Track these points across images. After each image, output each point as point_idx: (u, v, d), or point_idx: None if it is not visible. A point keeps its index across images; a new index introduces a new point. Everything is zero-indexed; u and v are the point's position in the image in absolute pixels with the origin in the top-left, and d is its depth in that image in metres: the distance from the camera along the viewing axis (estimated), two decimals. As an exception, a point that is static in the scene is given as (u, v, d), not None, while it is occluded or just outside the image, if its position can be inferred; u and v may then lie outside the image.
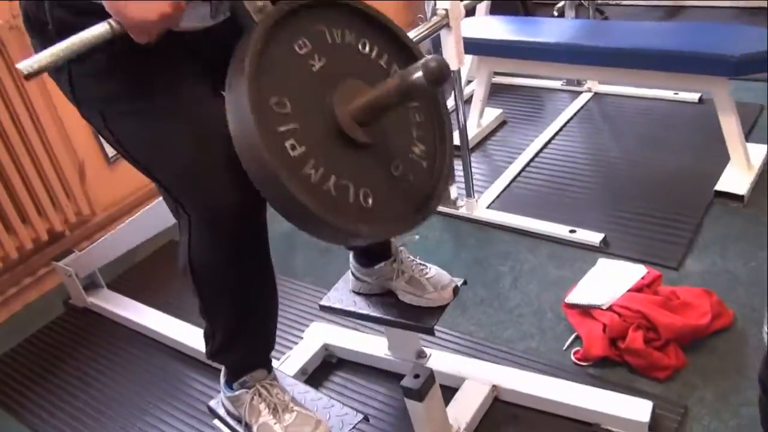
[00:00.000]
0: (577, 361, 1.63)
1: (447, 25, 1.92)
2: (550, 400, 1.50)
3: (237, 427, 1.32)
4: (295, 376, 1.67)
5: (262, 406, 1.26)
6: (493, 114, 2.81)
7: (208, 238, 1.13)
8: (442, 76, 0.94)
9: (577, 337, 1.70)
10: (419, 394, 1.31)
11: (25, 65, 0.86)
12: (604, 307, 1.65)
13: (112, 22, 0.92)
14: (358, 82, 1.05)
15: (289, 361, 1.72)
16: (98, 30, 0.92)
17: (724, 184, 2.13)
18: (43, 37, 1.04)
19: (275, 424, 1.24)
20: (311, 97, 1.00)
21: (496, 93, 2.92)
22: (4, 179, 2.04)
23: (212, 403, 1.40)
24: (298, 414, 1.24)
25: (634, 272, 1.74)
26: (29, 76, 0.87)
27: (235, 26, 1.09)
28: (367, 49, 1.10)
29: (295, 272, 2.14)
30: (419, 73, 0.94)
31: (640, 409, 1.42)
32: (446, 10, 1.90)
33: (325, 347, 1.77)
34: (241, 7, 1.03)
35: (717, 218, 2.06)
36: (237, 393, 1.28)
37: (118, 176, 2.37)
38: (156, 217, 2.01)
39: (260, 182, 0.97)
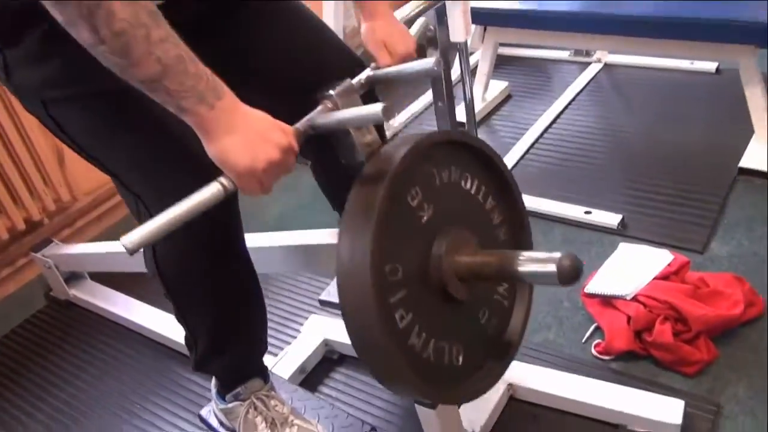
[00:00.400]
0: (598, 355, 1.51)
1: (453, -8, 1.77)
2: (572, 400, 1.38)
3: (231, 439, 1.21)
4: (294, 375, 1.55)
5: (259, 419, 1.14)
6: (497, 87, 2.66)
7: (175, 237, 1.00)
8: (576, 278, 0.84)
9: (597, 329, 1.58)
10: (432, 402, 1.18)
11: (129, 241, 0.76)
12: (628, 298, 1.52)
13: (224, 181, 0.82)
14: (464, 232, 0.97)
15: (287, 358, 1.59)
16: (209, 192, 0.81)
17: (748, 161, 1.99)
18: None
19: (274, 440, 1.12)
20: (418, 254, 0.92)
21: (499, 65, 2.76)
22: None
23: (203, 412, 1.28)
24: (299, 429, 1.12)
25: (659, 258, 1.61)
26: (133, 252, 0.77)
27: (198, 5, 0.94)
28: (469, 184, 1.01)
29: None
30: (552, 269, 0.84)
31: (671, 409, 1.30)
32: (452, -25, 1.74)
33: (326, 342, 1.64)
34: (342, 135, 0.93)
35: (742, 197, 1.93)
36: (230, 406, 1.16)
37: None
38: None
39: (364, 353, 0.90)
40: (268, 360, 1.35)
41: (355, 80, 0.98)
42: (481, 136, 2.43)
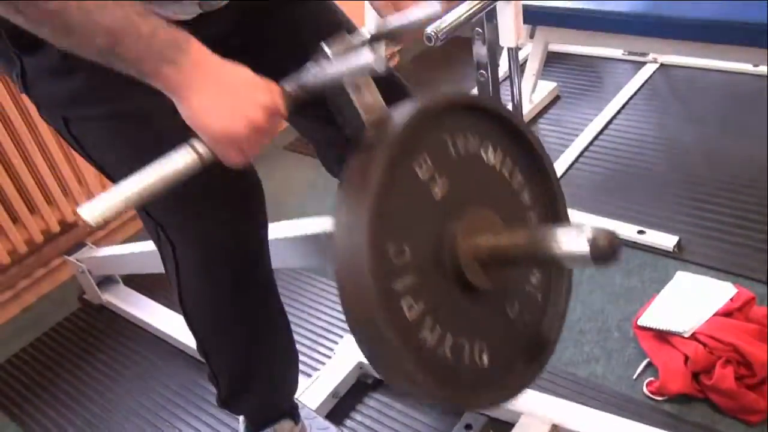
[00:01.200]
0: (650, 395, 1.41)
1: (505, -5, 1.65)
2: (622, 448, 1.29)
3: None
4: (326, 401, 1.49)
5: (289, 464, 1.08)
6: (546, 88, 2.54)
7: (200, 270, 0.94)
8: (613, 258, 0.72)
9: (650, 364, 1.47)
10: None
11: (90, 213, 0.68)
12: (686, 335, 1.41)
13: (197, 146, 0.72)
14: (485, 210, 0.84)
15: (319, 382, 1.52)
16: (181, 159, 0.71)
17: (820, 180, 1.85)
18: None
19: (304, 485, 1.06)
20: (431, 235, 0.80)
21: (547, 62, 2.61)
22: (7, 167, 1.85)
23: (232, 446, 1.23)
24: (330, 476, 1.06)
25: (721, 292, 1.49)
26: (97, 224, 0.69)
27: (232, 14, 0.86)
28: (491, 154, 0.89)
29: (324, 269, 1.93)
30: (584, 249, 0.72)
31: (731, 466, 1.21)
32: (504, -24, 1.63)
33: (360, 365, 1.57)
34: (340, 96, 0.81)
35: (811, 220, 1.79)
36: (259, 446, 1.11)
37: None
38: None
39: (368, 350, 0.78)
40: (299, 383, 1.29)
41: (353, 36, 0.85)
42: (528, 141, 2.31)
